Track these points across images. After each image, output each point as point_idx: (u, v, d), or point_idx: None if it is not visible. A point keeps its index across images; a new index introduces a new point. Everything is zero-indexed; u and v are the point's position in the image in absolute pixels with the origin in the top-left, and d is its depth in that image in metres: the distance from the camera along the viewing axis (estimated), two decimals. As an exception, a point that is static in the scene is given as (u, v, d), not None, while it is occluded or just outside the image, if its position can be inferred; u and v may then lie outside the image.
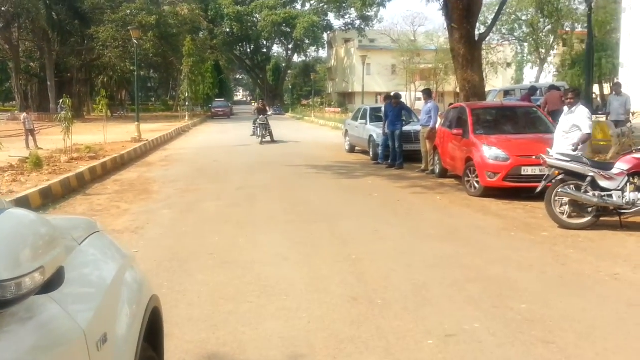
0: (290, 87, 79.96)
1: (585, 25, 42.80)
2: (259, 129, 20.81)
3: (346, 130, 17.83)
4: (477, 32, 14.35)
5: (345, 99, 61.56)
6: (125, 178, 11.98)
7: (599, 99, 34.09)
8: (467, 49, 13.54)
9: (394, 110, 13.06)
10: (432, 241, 6.41)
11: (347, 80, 62.04)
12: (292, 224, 7.35)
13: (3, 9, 35.08)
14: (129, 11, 33.62)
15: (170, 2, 39.71)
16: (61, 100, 13.85)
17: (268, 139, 20.66)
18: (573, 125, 7.85)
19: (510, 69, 54.97)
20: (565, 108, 8.14)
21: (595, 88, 38.95)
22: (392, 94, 13.73)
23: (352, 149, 17.11)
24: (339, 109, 48.16)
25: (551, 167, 7.10)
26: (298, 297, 4.60)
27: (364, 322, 4.06)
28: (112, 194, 9.88)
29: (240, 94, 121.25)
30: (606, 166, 7.03)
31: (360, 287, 4.81)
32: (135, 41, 20.18)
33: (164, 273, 5.30)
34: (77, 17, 37.75)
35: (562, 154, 7.23)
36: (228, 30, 56.83)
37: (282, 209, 8.43)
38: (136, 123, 19.34)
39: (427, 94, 12.89)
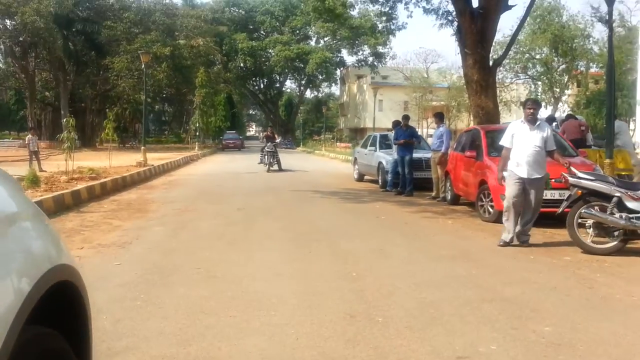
0: (302, 122, 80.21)
1: (600, 65, 42.72)
2: (266, 157, 20.40)
3: (355, 159, 17.36)
4: (491, 57, 13.96)
5: (356, 134, 61.37)
6: (123, 199, 11.53)
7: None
8: (480, 75, 13.13)
9: (404, 134, 12.60)
10: (443, 261, 5.82)
11: (359, 115, 62.02)
12: (290, 242, 6.80)
13: (21, 38, 35.59)
14: (144, 43, 33.90)
15: (185, 34, 40.10)
16: (64, 120, 13.55)
17: (275, 167, 20.17)
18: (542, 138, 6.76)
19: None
20: (524, 124, 7.01)
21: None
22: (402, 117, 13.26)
23: (360, 178, 16.60)
24: (350, 144, 47.88)
25: (574, 186, 6.52)
26: (288, 312, 4.04)
27: (360, 341, 3.48)
28: (107, 212, 9.41)
29: (253, 130, 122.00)
30: (634, 186, 6.46)
31: (359, 305, 4.23)
32: (144, 67, 20.05)
33: (143, 285, 4.76)
34: (94, 47, 38.16)
35: (586, 173, 6.67)
36: (242, 64, 57.34)
37: (281, 228, 7.89)
38: (142, 147, 19.01)
39: (440, 117, 12.43)
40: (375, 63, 57.07)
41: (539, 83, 50.30)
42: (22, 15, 32.22)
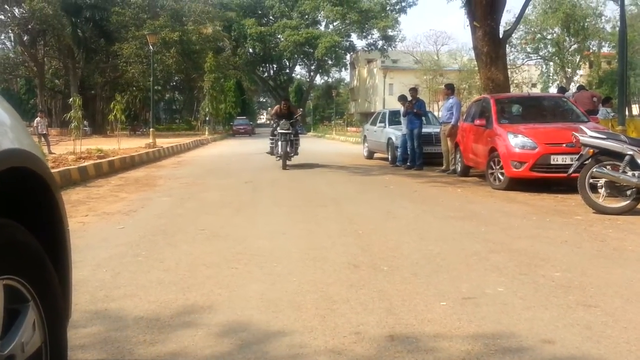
0: (312, 108, 79.94)
1: (612, 45, 41.96)
2: (280, 144, 12.43)
3: (364, 136, 17.21)
4: (501, 30, 13.68)
5: (367, 118, 61.09)
6: (131, 176, 11.50)
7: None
8: (490, 47, 12.88)
9: (413, 107, 12.41)
10: (451, 220, 5.71)
11: (369, 100, 61.67)
12: (297, 208, 6.72)
13: (29, 26, 35.61)
14: (152, 28, 33.75)
15: (193, 20, 39.90)
16: (70, 99, 13.51)
17: (293, 158, 13.11)
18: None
19: (536, 88, 53.95)
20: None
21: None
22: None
23: (370, 155, 16.45)
24: (361, 128, 47.66)
25: (585, 145, 6.35)
26: (291, 264, 3.96)
27: (364, 286, 3.39)
28: (114, 187, 9.38)
29: (263, 117, 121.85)
30: (647, 143, 6.28)
31: (364, 257, 4.15)
32: (152, 48, 19.94)
33: (145, 244, 4.71)
34: (103, 34, 38.08)
35: (597, 132, 6.50)
36: (251, 50, 57.02)
37: (289, 197, 7.81)
38: (151, 129, 18.98)
39: (450, 88, 12.22)
40: (385, 47, 56.48)
41: (551, 63, 49.62)
42: (30, 2, 32.21)
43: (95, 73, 39.40)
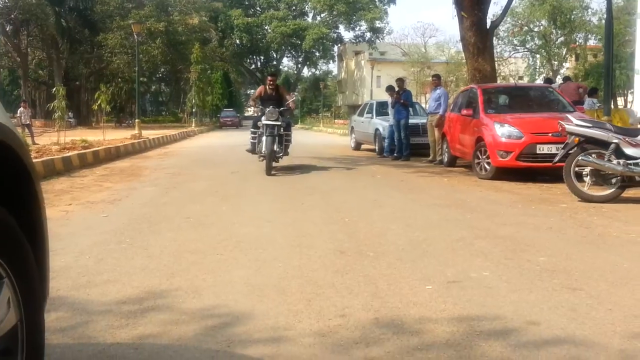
0: (300, 100, 79.74)
1: (599, 37, 42.21)
2: (264, 138, 9.32)
3: (352, 127, 17.18)
4: (489, 21, 13.67)
5: (354, 110, 61.05)
6: (116, 166, 11.38)
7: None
8: (478, 37, 12.85)
9: (400, 97, 12.40)
10: (437, 208, 5.72)
11: (356, 92, 61.56)
12: (284, 196, 6.69)
13: (12, 15, 35.04)
14: (137, 18, 33.34)
15: (179, 10, 39.53)
16: (54, 89, 13.33)
17: (280, 159, 9.97)
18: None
19: (522, 81, 54.22)
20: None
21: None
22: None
23: (357, 147, 16.44)
24: (348, 120, 47.64)
25: (571, 134, 6.38)
26: (276, 250, 3.94)
27: (349, 271, 3.38)
28: (98, 177, 9.28)
29: (251, 110, 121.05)
30: (632, 132, 6.33)
31: (350, 243, 4.13)
32: (136, 37, 19.70)
33: (129, 232, 4.65)
34: (87, 24, 37.59)
35: (583, 120, 6.53)
36: (237, 41, 56.62)
37: (275, 186, 7.78)
38: (137, 120, 18.79)
39: (438, 78, 12.22)
40: (373, 39, 56.41)
41: (537, 56, 49.90)
42: (13, -9, 31.75)
43: (80, 64, 38.95)
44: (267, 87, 10.03)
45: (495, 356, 2.18)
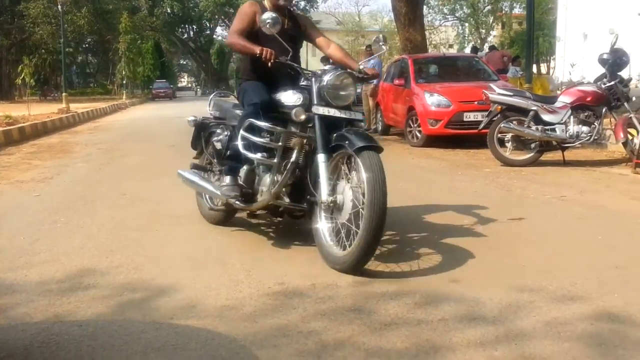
0: (235, 70, 78.37)
1: (523, 6, 43.65)
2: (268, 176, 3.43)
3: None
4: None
5: (291, 81, 60.61)
6: (44, 142, 10.97)
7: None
8: (408, 7, 13.13)
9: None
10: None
11: (292, 61, 61.17)
12: (221, 170, 6.72)
13: None
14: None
15: (105, -24, 37.68)
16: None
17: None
18: None
19: (453, 49, 55.49)
20: None
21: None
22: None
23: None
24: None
25: (493, 102, 6.74)
26: (218, 226, 4.01)
27: (289, 241, 3.52)
28: (26, 154, 8.95)
29: (185, 80, 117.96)
30: (549, 100, 6.76)
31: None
32: (60, 7, 18.78)
33: (64, 211, 4.60)
34: (5, -7, 35.36)
35: (505, 89, 6.90)
36: (169, 10, 54.76)
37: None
38: (64, 94, 18.03)
39: (371, 48, 12.36)
40: (307, 7, 55.95)
41: (466, 24, 51.14)
42: None
43: (0, 35, 36.57)
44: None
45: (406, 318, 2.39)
